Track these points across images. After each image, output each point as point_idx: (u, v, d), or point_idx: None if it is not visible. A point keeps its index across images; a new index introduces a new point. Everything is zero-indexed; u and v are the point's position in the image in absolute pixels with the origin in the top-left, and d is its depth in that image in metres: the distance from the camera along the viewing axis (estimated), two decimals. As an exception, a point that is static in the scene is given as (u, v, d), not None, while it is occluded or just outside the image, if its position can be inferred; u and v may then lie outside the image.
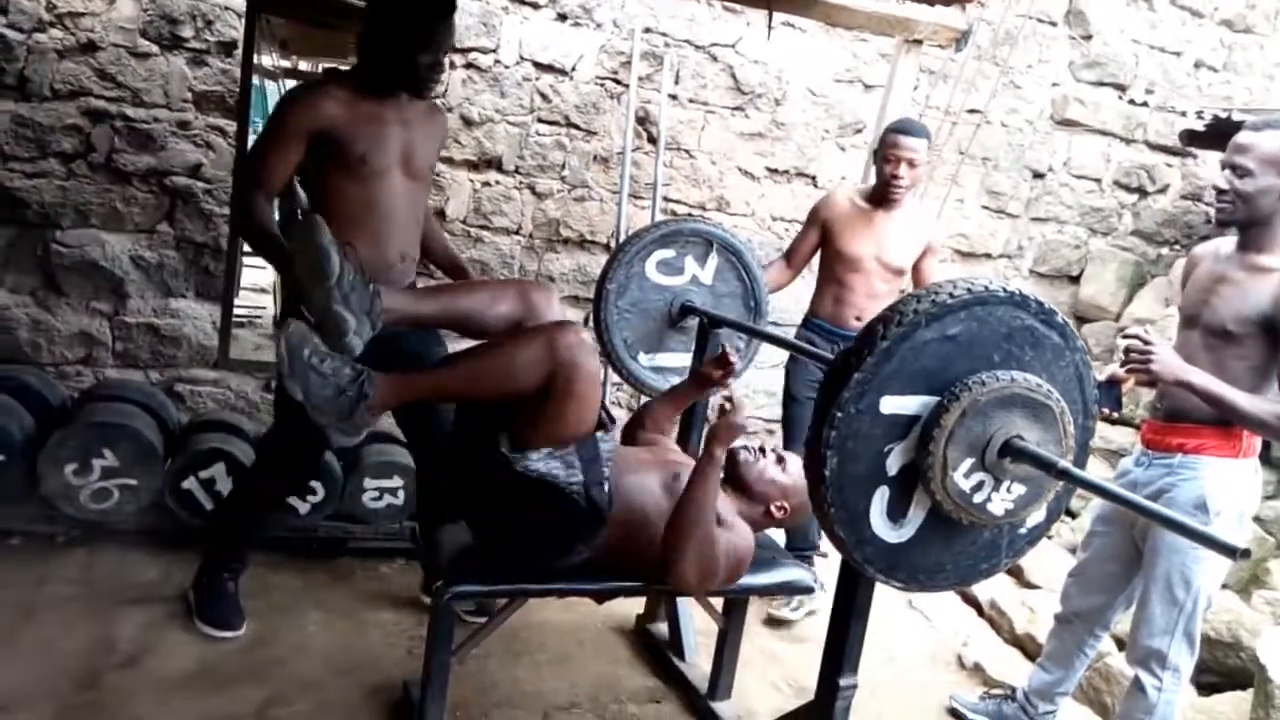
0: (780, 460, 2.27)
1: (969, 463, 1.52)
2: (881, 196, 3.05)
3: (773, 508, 2.23)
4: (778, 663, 2.93)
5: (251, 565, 2.74)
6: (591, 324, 2.67)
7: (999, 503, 1.57)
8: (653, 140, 3.98)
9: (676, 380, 2.69)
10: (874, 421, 1.50)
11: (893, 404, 1.50)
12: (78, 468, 2.85)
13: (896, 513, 1.57)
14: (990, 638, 3.29)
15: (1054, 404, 1.54)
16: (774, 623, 3.13)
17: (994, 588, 3.41)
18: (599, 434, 2.00)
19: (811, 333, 3.19)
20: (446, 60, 2.50)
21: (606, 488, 1.99)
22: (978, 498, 1.55)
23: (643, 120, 3.97)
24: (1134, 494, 2.14)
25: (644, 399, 2.88)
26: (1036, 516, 1.67)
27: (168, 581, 2.80)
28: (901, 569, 1.61)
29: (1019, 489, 1.58)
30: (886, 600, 3.01)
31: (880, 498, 1.55)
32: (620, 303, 2.72)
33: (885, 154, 3.00)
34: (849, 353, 1.50)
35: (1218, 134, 4.37)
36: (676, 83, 4.01)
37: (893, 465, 1.54)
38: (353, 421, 1.86)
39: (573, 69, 3.85)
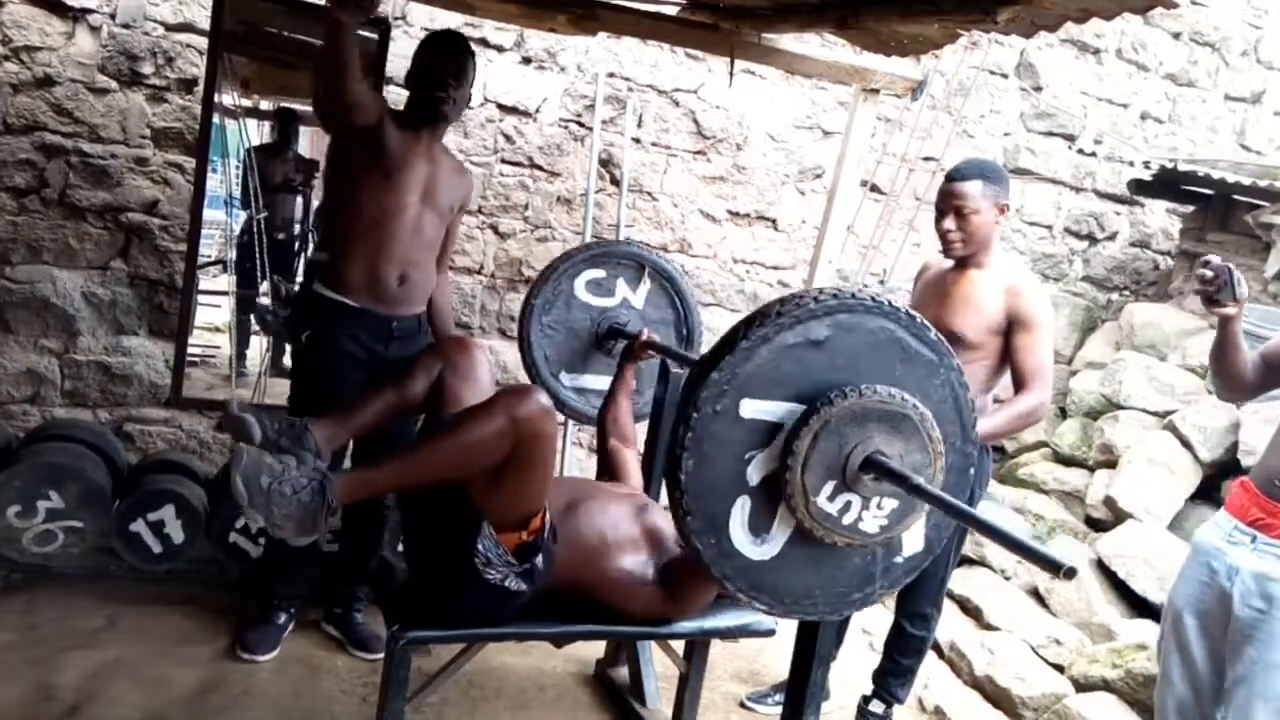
0: None
1: (831, 485, 1.46)
2: (951, 257, 2.59)
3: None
4: (741, 708, 2.90)
5: (199, 607, 2.70)
6: (517, 339, 2.62)
7: (871, 520, 1.51)
8: (615, 182, 4.01)
9: (598, 401, 2.64)
10: (733, 425, 1.44)
11: (753, 408, 1.44)
12: (21, 510, 2.77)
13: (759, 527, 1.49)
14: (950, 680, 3.29)
15: (912, 412, 1.48)
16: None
17: (954, 629, 3.41)
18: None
19: None
20: (462, 94, 2.59)
21: (540, 562, 1.95)
22: (847, 519, 1.49)
23: (606, 163, 4.00)
24: (1234, 583, 1.93)
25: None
26: (914, 545, 1.60)
27: (112, 627, 2.71)
28: (765, 590, 1.53)
29: (890, 504, 1.52)
30: (847, 641, 3.00)
31: (741, 508, 1.48)
32: (545, 319, 2.65)
33: (936, 205, 2.53)
34: (711, 351, 1.46)
35: (1164, 184, 4.51)
36: (639, 126, 4.05)
37: (754, 475, 1.47)
38: (315, 527, 1.82)
39: (536, 111, 3.87)
